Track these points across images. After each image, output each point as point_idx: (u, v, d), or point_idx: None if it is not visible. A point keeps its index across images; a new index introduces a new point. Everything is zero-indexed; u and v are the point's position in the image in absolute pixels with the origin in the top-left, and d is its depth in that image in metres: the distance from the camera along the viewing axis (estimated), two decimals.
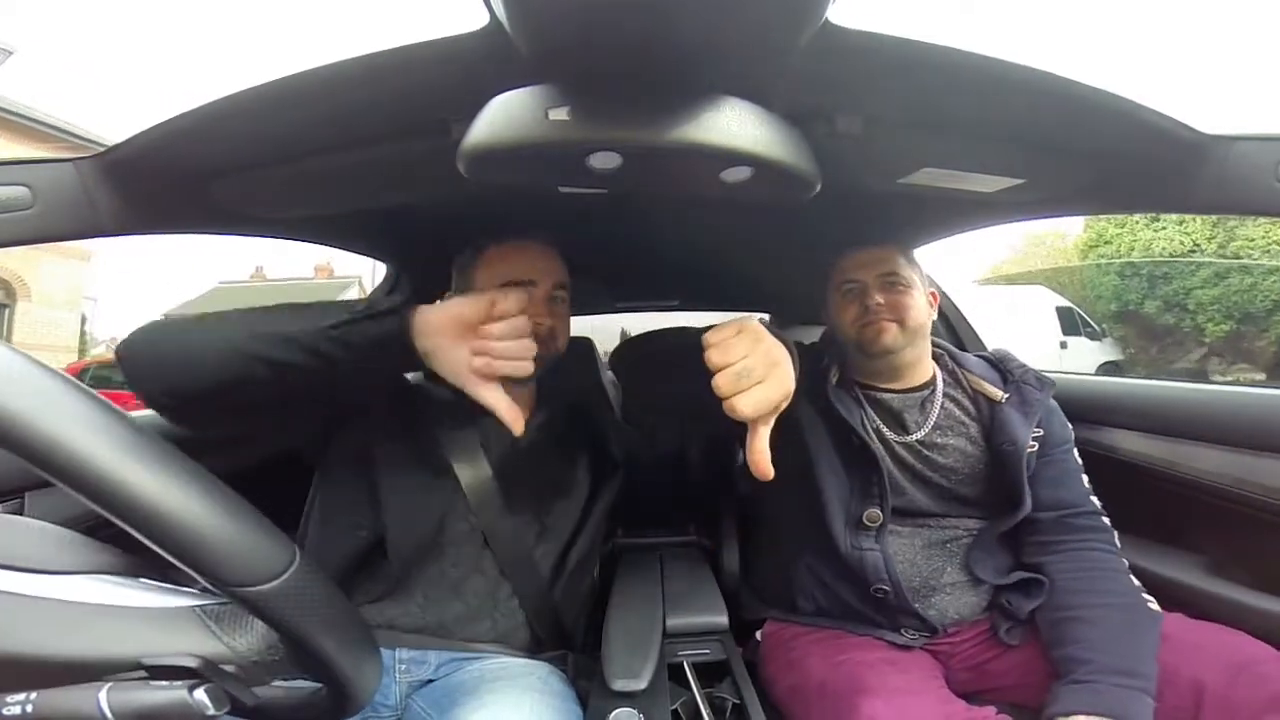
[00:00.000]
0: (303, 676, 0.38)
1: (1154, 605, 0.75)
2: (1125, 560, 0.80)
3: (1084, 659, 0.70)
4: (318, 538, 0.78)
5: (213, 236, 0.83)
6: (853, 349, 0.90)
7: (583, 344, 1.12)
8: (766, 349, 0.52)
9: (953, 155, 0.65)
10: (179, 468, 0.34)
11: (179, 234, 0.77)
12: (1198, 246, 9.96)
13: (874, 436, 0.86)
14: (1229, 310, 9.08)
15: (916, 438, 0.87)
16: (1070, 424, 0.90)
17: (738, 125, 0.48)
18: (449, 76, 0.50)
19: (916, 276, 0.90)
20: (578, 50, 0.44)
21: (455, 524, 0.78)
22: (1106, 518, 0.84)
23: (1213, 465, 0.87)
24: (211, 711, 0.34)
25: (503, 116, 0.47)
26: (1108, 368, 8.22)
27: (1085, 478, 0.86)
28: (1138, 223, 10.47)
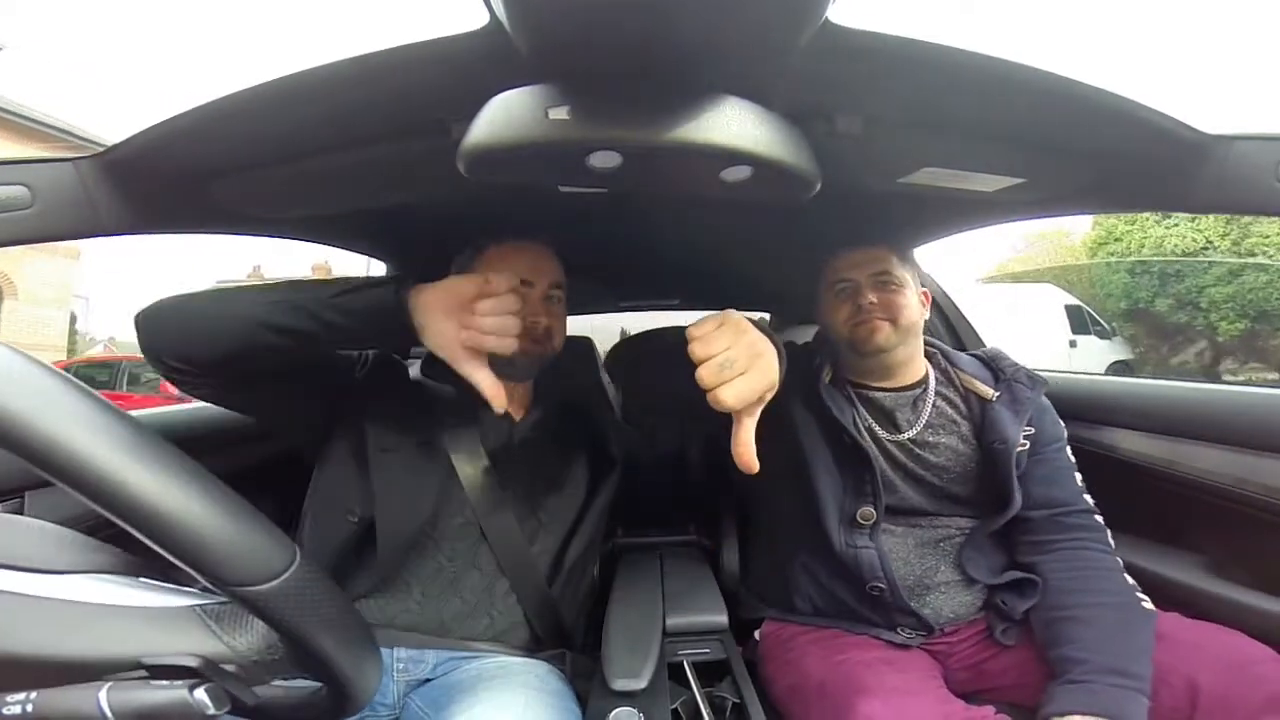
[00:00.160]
0: (303, 676, 0.38)
1: (1148, 604, 0.75)
2: (1119, 559, 0.80)
3: (1079, 659, 0.70)
4: (311, 525, 0.79)
5: (211, 236, 0.83)
6: (845, 348, 0.90)
7: (583, 344, 1.12)
8: (749, 341, 0.53)
9: (953, 155, 0.65)
10: (179, 467, 0.34)
11: (179, 234, 0.77)
12: (1210, 244, 9.75)
13: (866, 435, 0.87)
14: (1243, 308, 8.88)
15: (908, 436, 0.88)
16: (1068, 423, 0.90)
17: (738, 125, 0.48)
18: (449, 76, 0.50)
19: (909, 276, 0.90)
20: (578, 50, 0.44)
21: (450, 517, 0.78)
22: (1099, 516, 0.84)
23: (1212, 465, 0.87)
24: (212, 711, 0.34)
25: (502, 116, 0.47)
26: (1118, 367, 8.10)
27: (1078, 476, 0.86)
28: (1148, 219, 10.22)
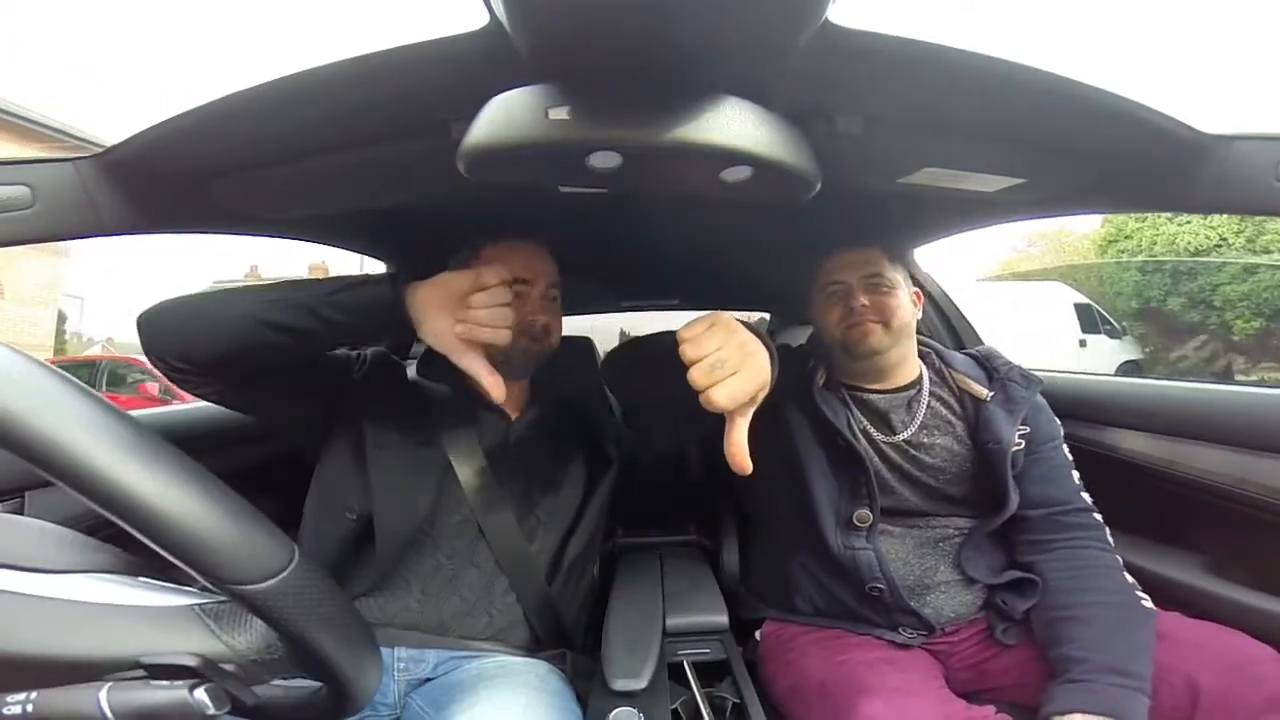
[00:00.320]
0: (303, 676, 0.38)
1: (1148, 603, 0.75)
2: (1119, 557, 0.80)
3: (1079, 658, 0.70)
4: (310, 523, 0.80)
5: (210, 236, 0.83)
6: (838, 350, 0.90)
7: (582, 344, 1.12)
8: (740, 341, 0.53)
9: (953, 155, 0.65)
10: (177, 466, 0.34)
11: (179, 234, 0.77)
12: (1225, 241, 9.51)
13: (861, 437, 0.87)
14: (1259, 307, 8.66)
15: (903, 438, 0.88)
16: (1067, 422, 0.90)
17: (737, 125, 0.48)
18: (449, 76, 0.50)
19: (900, 277, 0.90)
20: (577, 50, 0.44)
21: (448, 515, 0.78)
22: (1098, 514, 0.83)
23: (1212, 465, 0.87)
24: (212, 711, 0.34)
25: (503, 116, 0.47)
26: (1128, 367, 7.92)
27: (1076, 474, 0.86)
28: (1160, 217, 9.96)
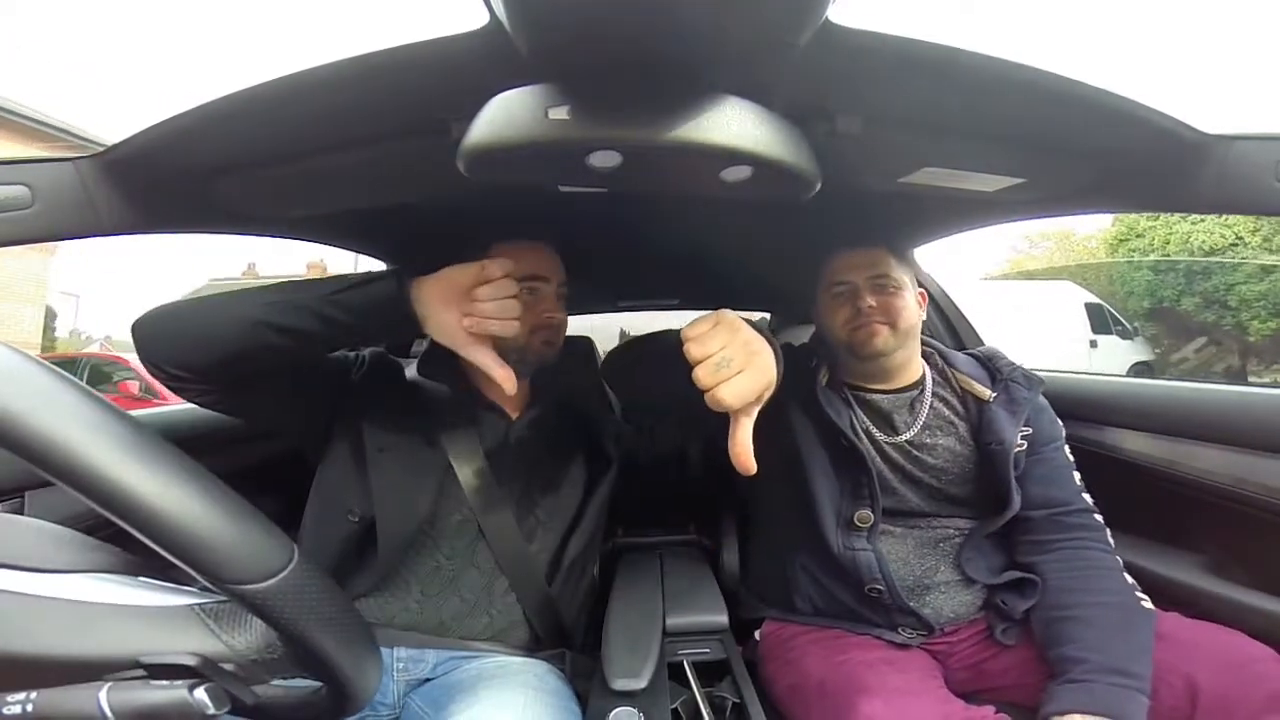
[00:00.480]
0: (302, 675, 0.38)
1: (1148, 603, 0.75)
2: (1119, 558, 0.80)
3: (1078, 658, 0.70)
4: (311, 524, 0.79)
5: (210, 235, 0.83)
6: (843, 351, 0.90)
7: (583, 343, 1.12)
8: (745, 339, 0.53)
9: (953, 155, 0.65)
10: (176, 465, 0.34)
11: (179, 233, 0.77)
12: (1240, 240, 9.27)
13: (863, 437, 0.87)
14: (1276, 307, 8.45)
15: (906, 438, 0.87)
16: (1068, 423, 0.90)
17: (737, 124, 0.48)
18: (449, 76, 0.50)
19: (907, 278, 0.90)
20: (577, 49, 0.44)
21: (448, 515, 0.78)
22: (1099, 515, 0.83)
23: (1212, 465, 0.87)
24: (211, 711, 0.34)
25: (503, 116, 0.47)
26: (1139, 368, 7.73)
27: (1077, 475, 0.86)
28: (1173, 215, 9.52)
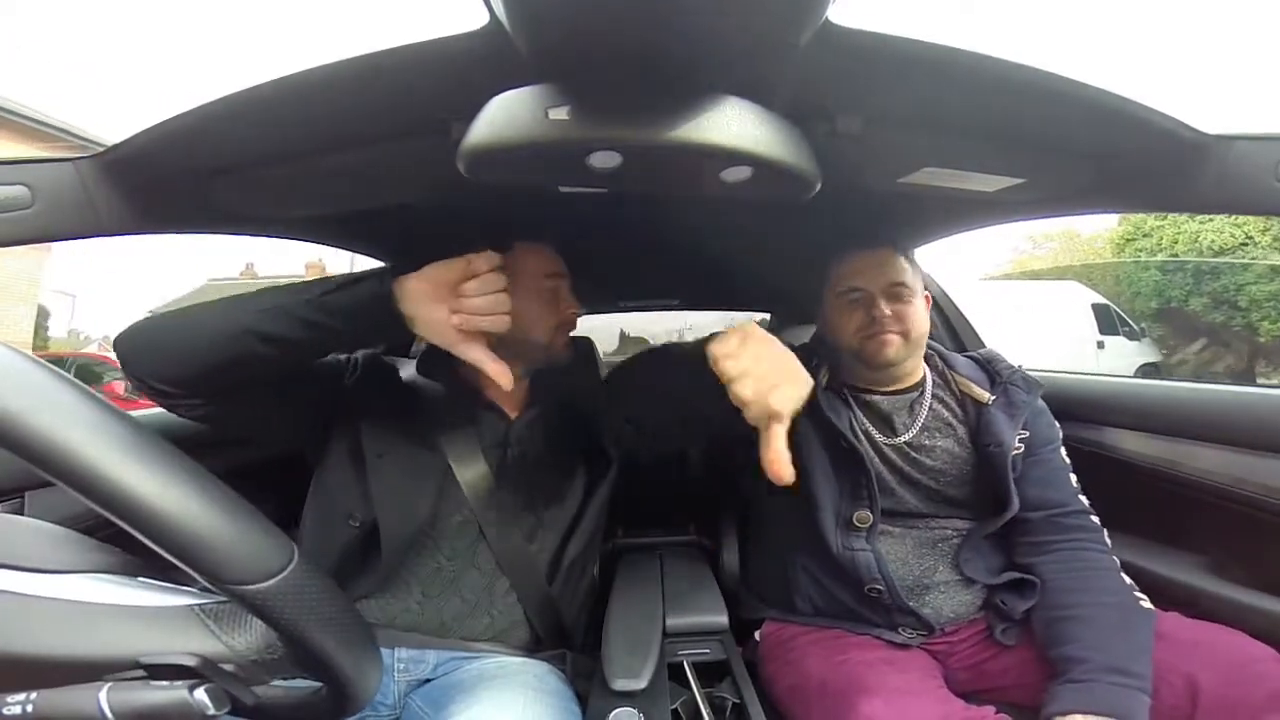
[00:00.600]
0: (303, 676, 0.38)
1: (1146, 603, 0.75)
2: (1116, 559, 0.80)
3: (1080, 658, 0.70)
4: (312, 529, 0.79)
5: (209, 235, 0.83)
6: (850, 356, 0.89)
7: (583, 344, 1.12)
8: (775, 350, 0.53)
9: (953, 155, 0.65)
10: (176, 465, 0.34)
11: (179, 234, 0.77)
12: (1250, 239, 8.95)
13: (862, 439, 0.87)
14: None
15: (905, 440, 0.88)
16: (1066, 423, 0.90)
17: (738, 125, 0.48)
18: (449, 76, 0.50)
19: (918, 283, 0.89)
20: (578, 50, 0.44)
21: (449, 516, 0.78)
22: (1095, 517, 0.84)
23: (1212, 465, 0.87)
24: (211, 711, 0.34)
25: (503, 116, 0.47)
26: (1146, 370, 7.56)
27: (1074, 477, 0.86)
28: (1181, 214, 9.17)
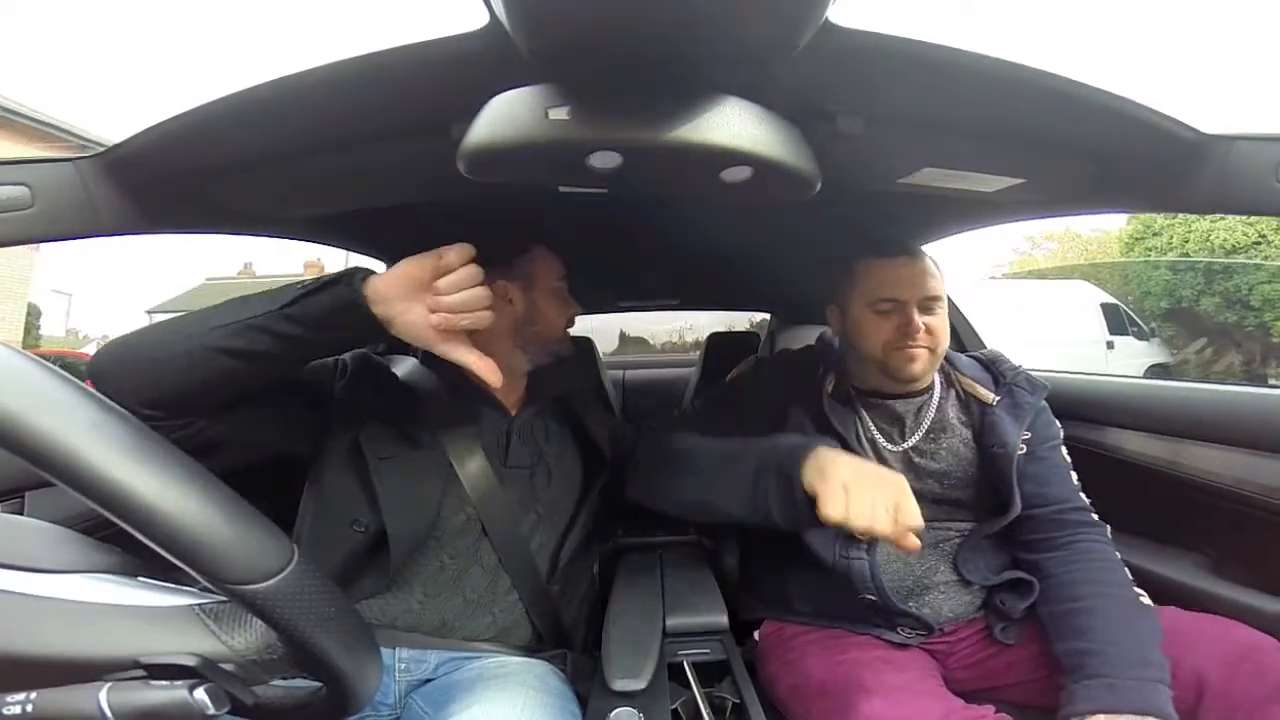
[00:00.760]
0: (302, 676, 0.38)
1: (1146, 600, 0.75)
2: (1118, 554, 0.80)
3: (1094, 651, 0.69)
4: (315, 537, 0.77)
5: (209, 235, 0.83)
6: (872, 365, 0.86)
7: (583, 344, 1.12)
8: (866, 479, 0.60)
9: (953, 155, 0.65)
10: (176, 465, 0.34)
11: (179, 233, 0.77)
12: (1264, 238, 8.71)
13: (868, 448, 0.86)
14: None
15: (910, 444, 0.87)
16: (1067, 423, 0.90)
17: (738, 125, 0.48)
18: (449, 76, 0.50)
19: (945, 290, 0.86)
20: (577, 50, 0.44)
21: (452, 514, 0.78)
22: (1095, 514, 0.84)
23: (1213, 465, 0.87)
24: (211, 711, 0.34)
25: (503, 116, 0.48)
26: (1156, 370, 7.30)
27: (1074, 475, 0.86)
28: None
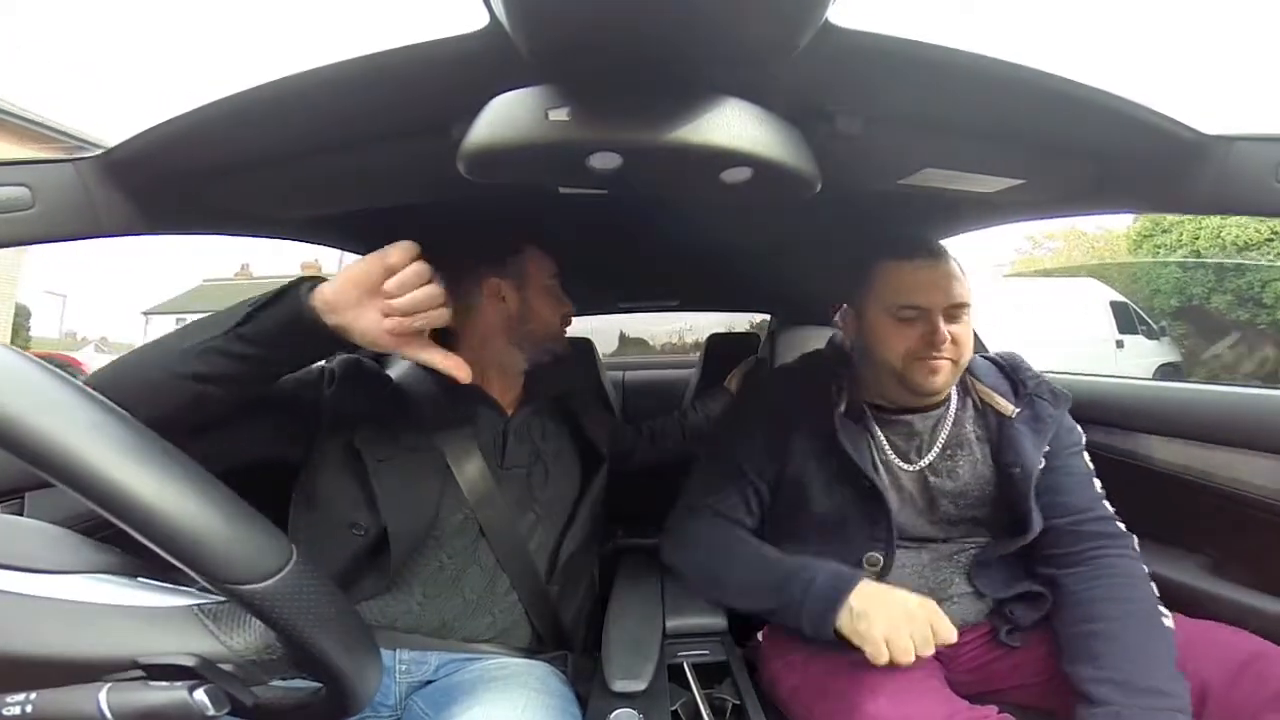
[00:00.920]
0: (302, 676, 0.38)
1: (1167, 619, 0.71)
2: (1144, 566, 0.76)
3: (1106, 679, 0.66)
4: (314, 541, 0.75)
5: (208, 236, 0.83)
6: (888, 375, 0.81)
7: (582, 344, 1.12)
8: (898, 623, 0.64)
9: (953, 155, 0.65)
10: (175, 465, 0.34)
11: (179, 234, 0.77)
12: (1276, 234, 8.47)
13: (881, 471, 0.81)
14: None
15: (926, 462, 0.83)
16: (1080, 427, 0.86)
17: (738, 125, 0.48)
18: (449, 76, 0.50)
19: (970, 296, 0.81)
20: (578, 50, 0.44)
21: (451, 515, 0.78)
22: (1121, 523, 0.79)
23: (1216, 466, 0.87)
24: (211, 712, 0.34)
25: (503, 117, 0.48)
26: (1166, 370, 7.14)
27: (1097, 483, 0.82)
28: None
